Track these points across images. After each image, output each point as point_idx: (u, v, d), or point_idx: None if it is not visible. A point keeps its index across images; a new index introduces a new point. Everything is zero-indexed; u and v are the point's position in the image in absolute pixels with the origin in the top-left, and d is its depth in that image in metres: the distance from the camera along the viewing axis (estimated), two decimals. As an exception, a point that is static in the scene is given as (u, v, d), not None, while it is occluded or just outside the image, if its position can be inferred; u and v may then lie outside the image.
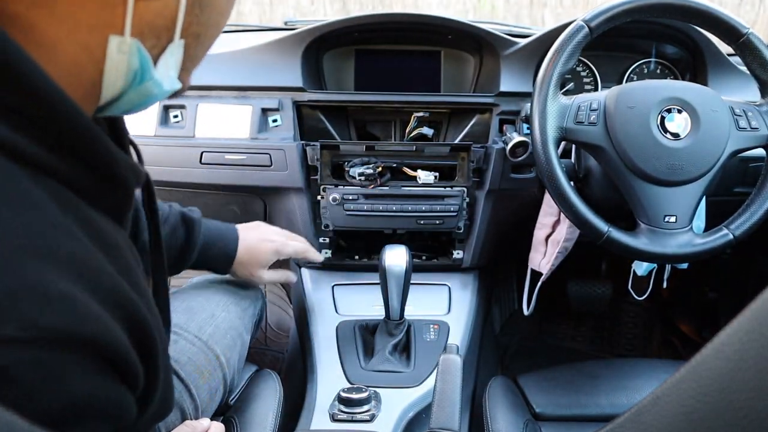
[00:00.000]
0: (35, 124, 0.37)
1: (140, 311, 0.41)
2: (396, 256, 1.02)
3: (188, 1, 0.43)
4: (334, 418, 0.88)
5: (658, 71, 1.31)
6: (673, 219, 0.95)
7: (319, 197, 1.19)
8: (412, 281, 1.03)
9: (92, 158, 0.40)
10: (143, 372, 0.41)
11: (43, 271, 0.34)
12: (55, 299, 0.34)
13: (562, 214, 1.09)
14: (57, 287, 0.34)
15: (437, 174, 1.18)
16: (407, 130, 1.23)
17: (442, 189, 1.18)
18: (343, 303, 1.16)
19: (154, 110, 1.20)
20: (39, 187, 0.36)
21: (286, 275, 1.08)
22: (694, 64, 1.27)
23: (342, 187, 1.17)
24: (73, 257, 0.36)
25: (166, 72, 0.45)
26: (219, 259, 0.96)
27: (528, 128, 1.02)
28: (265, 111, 1.20)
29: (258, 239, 1.01)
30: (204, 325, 0.89)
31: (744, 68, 1.08)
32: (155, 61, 0.44)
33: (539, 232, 1.17)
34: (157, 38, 0.43)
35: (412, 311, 1.08)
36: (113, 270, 0.40)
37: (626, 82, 1.30)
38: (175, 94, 0.49)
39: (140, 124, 1.19)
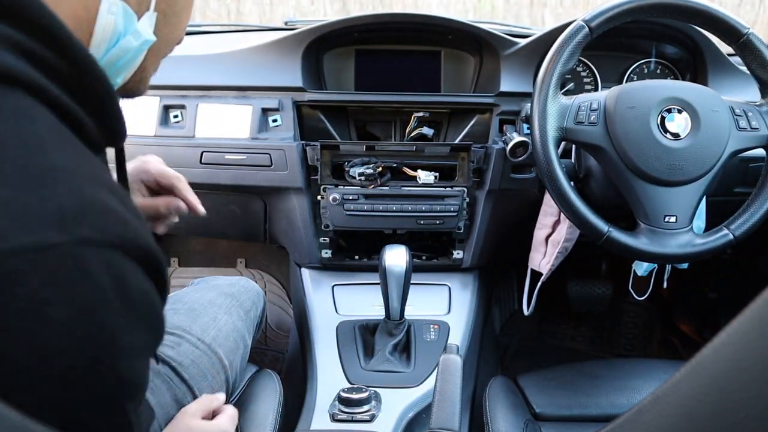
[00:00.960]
0: (63, 74, 0.40)
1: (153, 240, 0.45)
2: (396, 256, 1.02)
3: None
4: (334, 418, 0.88)
5: (659, 71, 1.31)
6: (673, 219, 0.95)
7: (319, 197, 1.19)
8: (412, 281, 1.03)
9: (106, 110, 0.44)
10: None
11: (96, 191, 0.38)
12: (113, 212, 0.38)
13: (562, 214, 1.09)
14: (111, 204, 0.38)
15: (437, 174, 1.18)
16: (407, 130, 1.23)
17: (442, 189, 1.18)
18: (343, 303, 1.16)
19: (154, 110, 1.20)
20: (67, 128, 0.40)
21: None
22: (695, 64, 1.27)
23: (342, 187, 1.17)
24: (110, 183, 0.41)
25: (144, 29, 0.50)
26: None
27: (528, 128, 1.02)
28: (265, 111, 1.20)
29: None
30: (207, 328, 0.89)
31: (744, 68, 1.08)
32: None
33: (539, 232, 1.17)
34: (138, 4, 0.49)
35: (412, 311, 1.08)
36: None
37: (626, 82, 1.30)
38: (140, 83, 0.55)
39: (140, 124, 1.19)
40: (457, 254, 1.25)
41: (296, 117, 1.20)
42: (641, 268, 1.14)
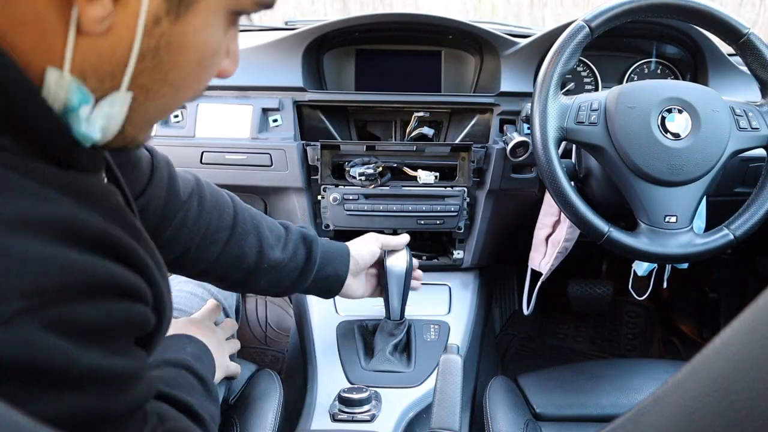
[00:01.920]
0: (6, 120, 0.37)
1: (136, 252, 0.43)
2: (396, 256, 1.02)
3: (142, 49, 0.39)
4: (334, 418, 0.88)
5: (659, 71, 1.31)
6: (673, 219, 0.95)
7: (319, 197, 1.19)
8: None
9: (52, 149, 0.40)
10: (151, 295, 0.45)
11: (25, 241, 0.34)
12: (47, 261, 0.35)
13: (562, 214, 1.09)
14: (43, 252, 0.35)
15: (438, 174, 1.18)
16: (408, 130, 1.23)
17: (443, 189, 1.18)
18: (343, 303, 1.16)
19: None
20: None
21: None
22: (695, 64, 1.27)
23: (342, 187, 1.17)
24: (49, 218, 0.37)
25: (99, 123, 0.41)
26: (330, 280, 0.93)
27: (528, 128, 1.02)
28: (265, 111, 1.20)
29: (361, 243, 1.00)
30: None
31: (744, 68, 1.08)
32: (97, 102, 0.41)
33: (539, 232, 1.17)
34: (100, 83, 0.40)
35: (412, 311, 1.08)
36: (100, 218, 0.40)
37: (627, 82, 1.30)
38: (127, 144, 0.46)
39: (141, 124, 1.19)
40: (458, 254, 1.25)
41: (296, 117, 1.20)
42: (641, 268, 1.14)
